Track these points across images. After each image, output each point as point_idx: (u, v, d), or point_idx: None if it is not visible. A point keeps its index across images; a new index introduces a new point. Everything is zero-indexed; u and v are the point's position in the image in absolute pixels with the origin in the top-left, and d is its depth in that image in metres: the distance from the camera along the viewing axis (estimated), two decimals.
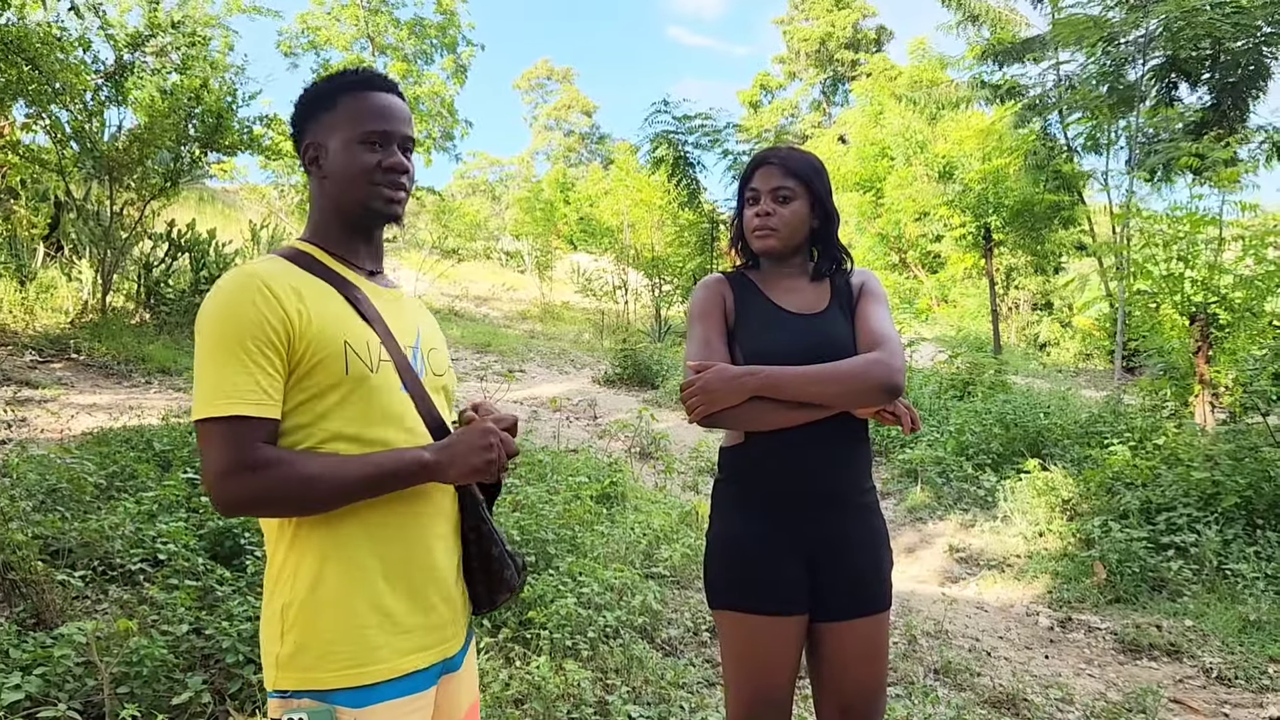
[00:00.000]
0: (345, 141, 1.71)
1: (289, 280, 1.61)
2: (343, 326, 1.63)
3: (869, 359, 2.21)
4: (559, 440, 8.07)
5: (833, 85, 49.84)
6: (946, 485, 7.93)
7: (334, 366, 1.59)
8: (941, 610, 5.05)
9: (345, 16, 25.33)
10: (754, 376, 2.18)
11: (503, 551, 1.83)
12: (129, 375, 8.78)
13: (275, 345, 1.54)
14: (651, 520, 5.46)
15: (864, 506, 2.34)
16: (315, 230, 1.77)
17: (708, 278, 2.48)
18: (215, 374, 1.51)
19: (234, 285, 1.56)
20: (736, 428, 2.30)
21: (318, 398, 1.59)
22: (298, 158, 1.80)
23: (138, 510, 4.48)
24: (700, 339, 2.33)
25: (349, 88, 1.75)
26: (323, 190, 1.75)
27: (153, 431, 6.00)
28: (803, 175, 2.36)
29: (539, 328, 18.52)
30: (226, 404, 1.49)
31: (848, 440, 2.30)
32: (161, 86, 10.81)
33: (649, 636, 4.32)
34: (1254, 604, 5.24)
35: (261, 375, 1.52)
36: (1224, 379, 7.39)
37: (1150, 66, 12.49)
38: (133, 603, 3.77)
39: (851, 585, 2.28)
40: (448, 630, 1.71)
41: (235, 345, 1.51)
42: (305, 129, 1.76)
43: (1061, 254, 23.04)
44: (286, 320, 1.55)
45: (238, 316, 1.52)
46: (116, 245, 10.64)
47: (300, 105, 1.78)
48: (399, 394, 1.68)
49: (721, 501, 2.41)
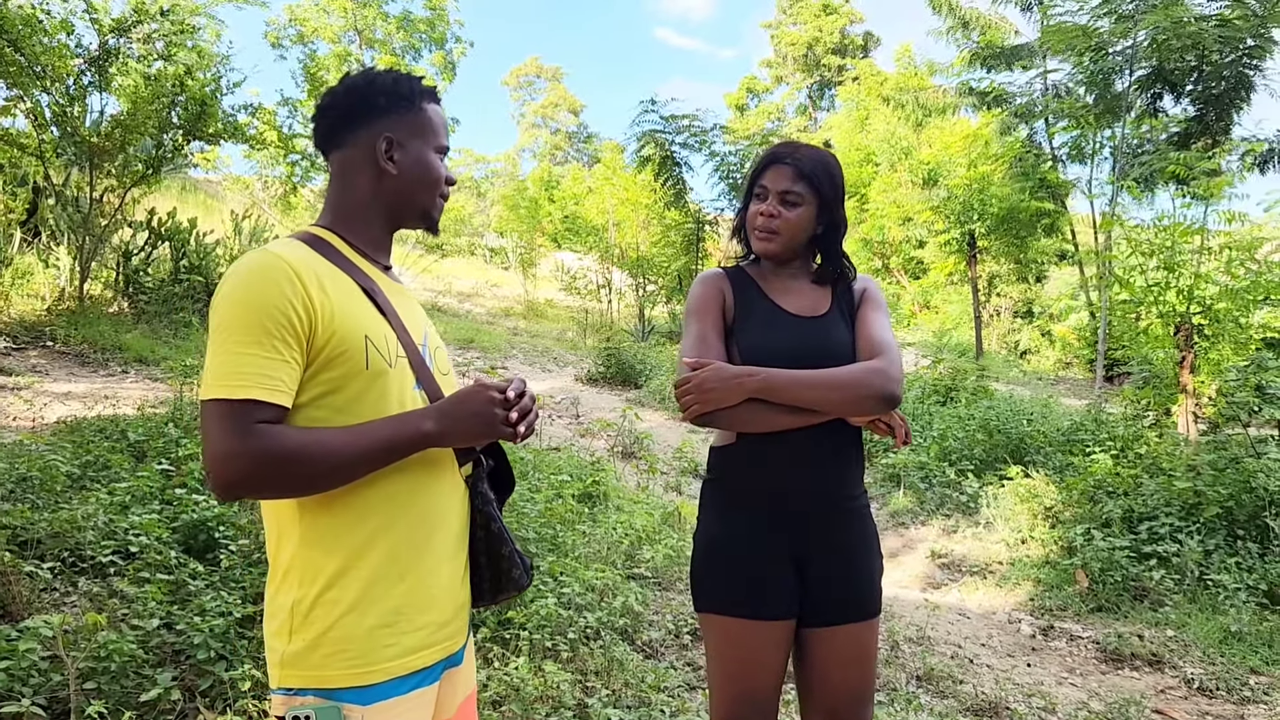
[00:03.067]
0: (428, 148, 1.74)
1: (314, 267, 1.58)
2: (363, 319, 1.61)
3: (869, 367, 2.17)
4: (541, 438, 8.00)
5: (819, 90, 49.99)
6: (929, 490, 7.91)
7: (355, 360, 1.56)
8: (924, 616, 5.02)
9: (334, 9, 25.15)
10: (752, 377, 2.14)
11: (513, 551, 1.81)
12: (105, 364, 8.66)
13: (298, 333, 1.51)
14: (634, 520, 5.41)
15: (855, 511, 2.30)
16: (339, 218, 1.74)
17: (706, 272, 2.42)
18: (231, 355, 1.47)
19: (259, 266, 1.52)
20: (730, 428, 2.25)
21: (335, 391, 1.56)
22: (343, 137, 1.75)
23: (110, 501, 4.39)
24: (697, 335, 2.28)
25: (429, 97, 1.77)
26: (379, 183, 1.73)
27: (128, 421, 5.90)
28: (814, 180, 2.29)
29: (522, 325, 18.43)
30: (239, 386, 1.45)
31: (841, 444, 2.25)
32: (145, 73, 10.67)
33: (630, 638, 4.27)
34: (1235, 615, 5.23)
35: (279, 362, 1.48)
36: (1207, 389, 7.40)
37: (1137, 77, 12.54)
38: (103, 596, 3.69)
39: (841, 590, 2.24)
40: (453, 626, 1.70)
41: (256, 328, 1.47)
42: (376, 121, 1.72)
43: (1043, 262, 23.18)
44: (311, 308, 1.52)
45: (261, 299, 1.49)
46: (95, 232, 10.49)
47: (373, 94, 1.74)
48: (412, 391, 1.67)
49: (710, 502, 2.35)
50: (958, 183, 17.26)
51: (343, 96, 1.74)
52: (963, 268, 19.01)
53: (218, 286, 1.54)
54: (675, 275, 18.67)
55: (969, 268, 17.80)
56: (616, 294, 20.99)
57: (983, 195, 16.53)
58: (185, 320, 10.32)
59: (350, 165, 1.74)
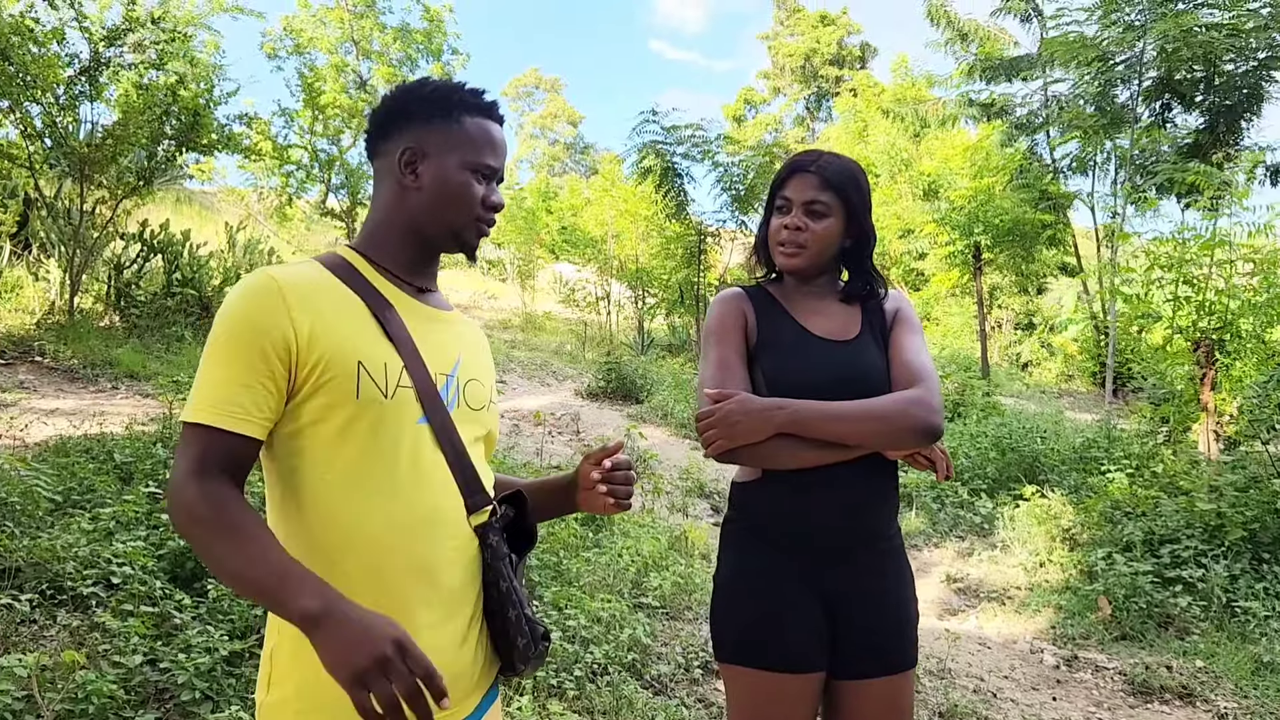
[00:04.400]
0: (461, 164, 1.57)
1: (313, 289, 1.45)
2: (361, 345, 1.45)
3: (908, 397, 1.96)
4: (542, 456, 7.80)
5: (816, 101, 50.00)
6: (941, 511, 7.71)
7: (344, 387, 1.42)
8: (944, 647, 4.81)
9: (331, 19, 24.96)
10: (781, 411, 1.93)
11: (520, 615, 1.58)
12: (95, 380, 8.45)
13: (277, 356, 1.38)
14: (640, 546, 5.20)
15: (890, 553, 2.10)
16: (369, 239, 1.61)
17: (726, 292, 2.21)
18: (208, 377, 1.40)
19: (250, 286, 1.44)
20: (757, 465, 2.05)
21: (321, 421, 1.42)
22: (377, 147, 1.62)
23: (94, 528, 4.19)
24: (717, 362, 2.07)
25: (476, 109, 1.61)
26: (403, 198, 1.57)
27: (115, 441, 5.70)
28: (841, 189, 2.09)
29: (520, 337, 18.23)
30: (207, 411, 1.37)
31: (876, 481, 2.05)
32: (138, 82, 10.50)
33: (638, 673, 4.06)
34: (1266, 645, 5.02)
35: (253, 388, 1.38)
36: (1229, 407, 7.20)
37: (1144, 87, 12.41)
38: (83, 630, 3.50)
39: (874, 641, 2.04)
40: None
41: (236, 349, 1.38)
42: (407, 128, 1.57)
43: (1045, 274, 23.05)
44: (295, 332, 1.39)
45: (245, 319, 1.40)
46: (87, 245, 10.30)
47: (408, 101, 1.60)
48: (415, 425, 1.48)
49: (732, 542, 2.14)
50: (962, 194, 17.11)
51: (384, 102, 1.62)
52: (965, 280, 18.85)
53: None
54: (676, 287, 18.48)
55: (975, 280, 17.63)
56: (615, 306, 20.81)
57: (987, 207, 16.38)
58: (178, 334, 10.12)
59: (380, 178, 1.61)
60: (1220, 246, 7.04)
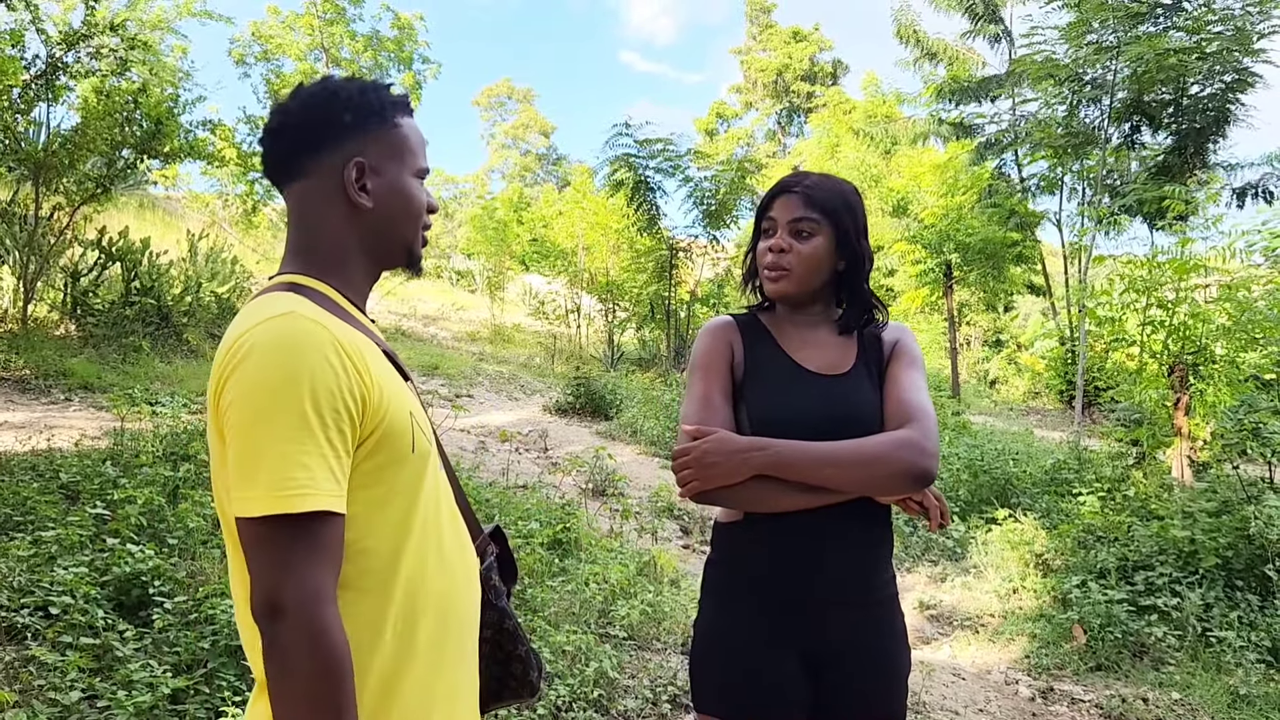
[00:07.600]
0: (406, 172, 1.41)
1: (351, 335, 1.25)
2: (403, 393, 1.30)
3: (897, 439, 1.82)
4: (508, 474, 7.63)
5: (788, 116, 50.31)
6: (914, 535, 7.61)
7: (401, 443, 1.27)
8: (919, 679, 4.69)
9: (300, 26, 24.70)
10: (761, 452, 1.80)
11: (528, 651, 1.53)
12: (48, 391, 8.20)
13: (352, 420, 1.19)
14: (608, 573, 5.04)
15: (880, 604, 1.96)
16: (327, 265, 1.37)
17: (714, 321, 2.06)
18: (278, 453, 1.14)
19: (302, 339, 1.19)
20: (734, 507, 1.92)
21: (373, 485, 1.24)
22: (303, 165, 1.38)
23: (34, 552, 3.99)
24: (699, 397, 1.94)
25: (403, 110, 1.43)
26: (357, 219, 1.37)
27: (62, 459, 5.48)
28: (828, 208, 1.96)
29: (489, 350, 18.01)
30: (304, 495, 1.13)
31: (866, 526, 1.92)
32: (98, 88, 10.25)
33: (604, 709, 3.91)
34: (1242, 676, 4.94)
35: (336, 459, 1.17)
36: (1203, 432, 7.16)
37: (1114, 108, 12.47)
38: (17, 664, 3.30)
39: (861, 697, 1.92)
40: None
41: (311, 417, 1.15)
42: (345, 139, 1.36)
43: (1011, 291, 23.22)
44: (364, 388, 1.21)
45: (312, 380, 1.16)
46: (42, 251, 10.03)
47: (336, 108, 1.36)
48: (437, 470, 1.38)
49: (713, 587, 2.01)
50: (932, 212, 17.15)
51: (298, 114, 1.37)
52: (936, 298, 18.88)
53: (237, 365, 1.19)
54: (647, 301, 18.36)
55: (946, 298, 17.66)
56: (585, 319, 20.65)
57: (958, 225, 16.43)
58: (135, 345, 9.85)
59: (314, 199, 1.37)
60: (1196, 270, 7.00)
